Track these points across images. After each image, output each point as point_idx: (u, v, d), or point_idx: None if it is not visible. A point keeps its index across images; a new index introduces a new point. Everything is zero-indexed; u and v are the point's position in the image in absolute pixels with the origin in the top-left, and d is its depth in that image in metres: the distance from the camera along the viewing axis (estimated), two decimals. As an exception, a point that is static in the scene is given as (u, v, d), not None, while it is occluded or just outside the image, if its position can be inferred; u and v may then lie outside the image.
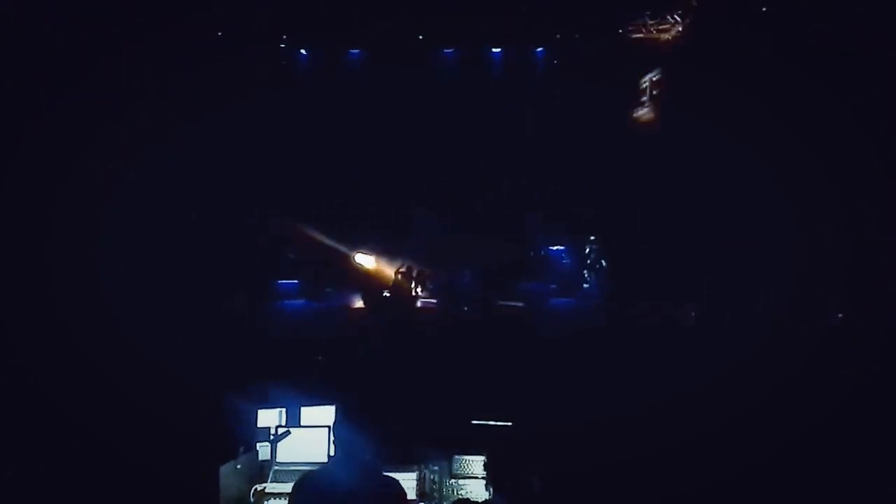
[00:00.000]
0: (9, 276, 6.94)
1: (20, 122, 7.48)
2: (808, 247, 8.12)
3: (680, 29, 9.62)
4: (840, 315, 7.63)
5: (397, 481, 3.10)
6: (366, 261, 11.67)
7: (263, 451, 4.03)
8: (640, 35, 10.20)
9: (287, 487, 3.24)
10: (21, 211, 7.40)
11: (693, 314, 8.44)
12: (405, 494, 3.10)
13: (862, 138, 8.08)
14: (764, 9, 8.70)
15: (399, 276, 11.00)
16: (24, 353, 6.16)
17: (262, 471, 3.95)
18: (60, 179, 7.77)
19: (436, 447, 3.99)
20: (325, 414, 4.08)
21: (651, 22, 10.18)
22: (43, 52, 7.79)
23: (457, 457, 3.98)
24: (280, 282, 10.47)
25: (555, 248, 11.36)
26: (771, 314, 7.41)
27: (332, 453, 3.13)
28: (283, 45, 10.66)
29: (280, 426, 4.08)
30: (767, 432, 4.76)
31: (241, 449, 3.95)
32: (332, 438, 3.10)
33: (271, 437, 3.99)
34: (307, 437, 3.90)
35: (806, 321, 7.34)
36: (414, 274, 11.03)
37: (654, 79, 10.44)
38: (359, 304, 10.57)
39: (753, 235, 8.83)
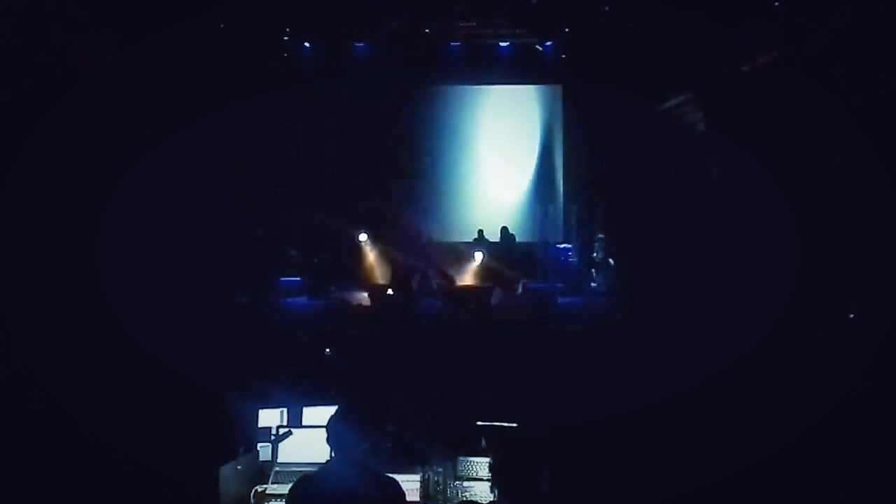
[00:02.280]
0: (9, 276, 6.91)
1: (20, 123, 7.44)
2: (809, 247, 8.09)
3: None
4: (852, 315, 7.59)
5: (397, 482, 3.07)
6: (369, 245, 11.66)
7: (264, 451, 3.99)
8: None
9: (288, 489, 3.20)
10: (21, 211, 7.36)
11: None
12: (405, 495, 3.07)
13: (862, 138, 8.05)
14: (777, 3, 8.63)
15: (402, 275, 10.95)
16: (24, 352, 6.13)
17: (262, 472, 3.92)
18: (61, 178, 7.73)
19: (440, 448, 3.95)
20: (327, 414, 4.03)
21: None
22: (46, 45, 7.76)
23: (462, 458, 3.94)
24: (282, 279, 10.41)
25: (561, 245, 11.28)
26: (774, 314, 7.36)
27: (330, 454, 3.07)
28: (286, 39, 10.57)
29: (281, 426, 4.04)
30: (784, 431, 4.71)
31: (242, 449, 3.92)
32: (327, 438, 3.05)
33: (272, 438, 3.95)
34: (309, 438, 3.85)
35: (814, 320, 7.31)
36: (417, 272, 10.99)
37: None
38: (362, 301, 10.54)
39: (753, 235, 8.80)
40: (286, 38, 10.53)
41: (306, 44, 10.79)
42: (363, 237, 11.62)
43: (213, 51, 9.21)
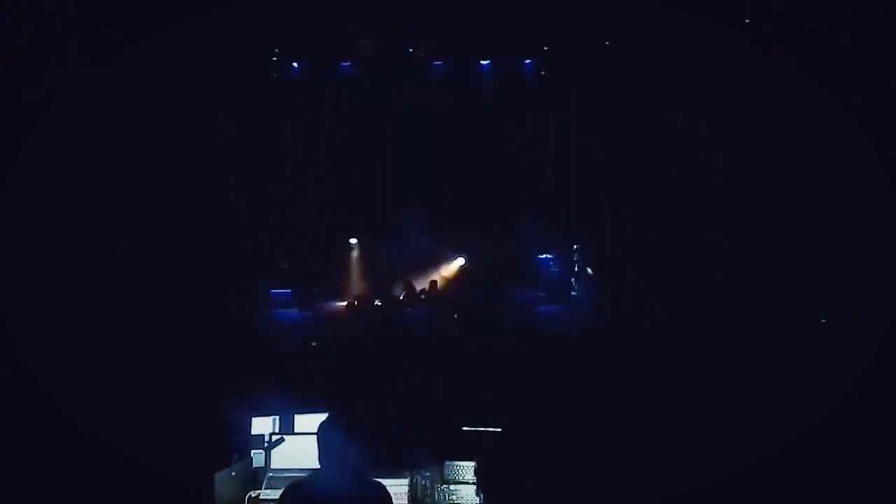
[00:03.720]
0: (9, 276, 6.95)
1: (20, 122, 7.48)
2: (808, 247, 8.08)
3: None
4: (823, 320, 7.62)
5: (384, 486, 3.14)
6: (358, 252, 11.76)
7: (258, 458, 4.06)
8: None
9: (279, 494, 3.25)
10: (21, 211, 7.40)
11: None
12: (392, 499, 3.12)
13: (862, 138, 8.03)
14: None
15: (388, 283, 11.04)
16: (24, 352, 6.18)
17: (256, 477, 3.99)
18: (61, 178, 7.76)
19: (427, 453, 4.00)
20: (318, 421, 4.08)
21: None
22: (46, 44, 7.78)
23: (448, 462, 4.00)
24: (273, 291, 10.45)
25: (543, 255, 11.35)
26: (769, 316, 7.37)
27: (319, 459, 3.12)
28: (274, 59, 10.66)
29: (274, 433, 4.10)
30: (758, 437, 4.74)
31: (236, 456, 3.98)
32: (317, 444, 3.10)
33: (265, 445, 4.01)
34: (301, 444, 3.90)
35: (807, 322, 7.31)
36: (403, 281, 11.08)
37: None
38: (351, 311, 10.60)
39: (752, 236, 8.80)
40: (274, 58, 10.60)
41: (294, 64, 10.86)
42: (353, 241, 11.72)
43: (203, 66, 9.19)
